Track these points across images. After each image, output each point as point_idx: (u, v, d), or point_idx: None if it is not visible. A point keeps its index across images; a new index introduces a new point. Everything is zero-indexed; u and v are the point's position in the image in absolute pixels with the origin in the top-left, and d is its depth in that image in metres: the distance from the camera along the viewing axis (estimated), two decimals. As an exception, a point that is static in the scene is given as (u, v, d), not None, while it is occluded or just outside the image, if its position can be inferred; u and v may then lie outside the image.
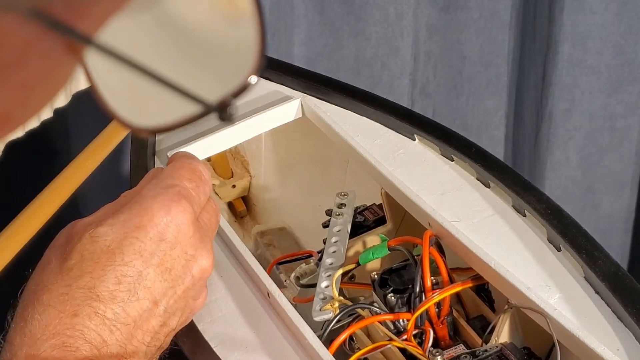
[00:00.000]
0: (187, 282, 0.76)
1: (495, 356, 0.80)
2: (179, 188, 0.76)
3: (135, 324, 0.72)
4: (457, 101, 1.75)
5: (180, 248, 0.75)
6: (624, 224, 1.85)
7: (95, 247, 0.72)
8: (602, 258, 0.83)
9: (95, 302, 0.70)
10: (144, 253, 0.73)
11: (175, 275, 0.75)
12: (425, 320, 0.85)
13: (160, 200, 0.75)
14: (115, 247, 0.72)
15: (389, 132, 1.04)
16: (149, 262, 0.73)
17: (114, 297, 0.71)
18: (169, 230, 0.74)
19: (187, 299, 0.76)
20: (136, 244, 0.73)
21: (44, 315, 0.69)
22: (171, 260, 0.74)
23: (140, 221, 0.74)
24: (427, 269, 0.85)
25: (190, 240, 0.75)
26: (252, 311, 0.86)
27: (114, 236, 0.73)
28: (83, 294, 0.70)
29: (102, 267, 0.71)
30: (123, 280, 0.71)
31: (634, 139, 1.75)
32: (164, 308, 0.74)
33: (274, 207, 1.28)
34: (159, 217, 0.74)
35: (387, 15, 1.62)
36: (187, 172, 0.78)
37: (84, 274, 0.71)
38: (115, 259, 0.72)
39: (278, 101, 1.09)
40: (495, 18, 1.66)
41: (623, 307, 0.78)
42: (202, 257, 0.77)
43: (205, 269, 0.77)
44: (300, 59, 1.65)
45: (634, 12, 1.61)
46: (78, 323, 0.69)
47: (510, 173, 0.95)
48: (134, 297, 0.72)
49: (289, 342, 0.83)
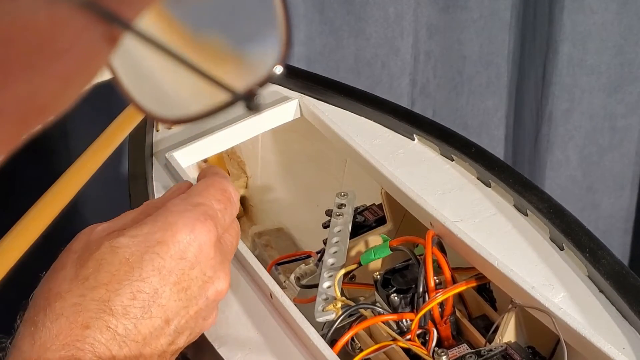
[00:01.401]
0: (201, 303, 0.75)
1: (500, 355, 0.80)
2: (207, 208, 0.75)
3: (145, 341, 0.71)
4: (457, 101, 1.75)
5: (200, 269, 0.74)
6: (624, 224, 1.85)
7: (114, 258, 0.71)
8: (605, 257, 0.83)
9: (108, 316, 0.69)
10: (162, 270, 0.72)
11: (190, 295, 0.74)
12: (428, 320, 0.85)
13: (186, 217, 0.74)
14: (134, 261, 0.71)
15: (388, 132, 1.04)
16: (166, 279, 0.72)
17: (127, 312, 0.70)
18: (190, 250, 0.73)
19: (198, 319, 0.76)
20: (156, 260, 0.71)
21: (55, 324, 0.68)
22: (188, 280, 0.73)
23: (163, 236, 0.72)
24: (430, 269, 0.84)
25: (210, 262, 0.75)
26: (254, 312, 0.86)
27: (135, 249, 0.71)
28: (97, 306, 0.69)
29: (119, 280, 0.70)
30: (138, 296, 0.70)
31: (634, 139, 1.75)
32: (174, 327, 0.73)
33: (271, 208, 1.28)
34: (182, 235, 0.73)
35: (387, 15, 1.62)
36: (218, 192, 0.77)
37: (99, 285, 0.70)
38: (134, 273, 0.71)
39: (276, 102, 1.09)
40: (495, 18, 1.66)
41: (628, 305, 0.78)
42: (219, 279, 0.76)
43: (221, 291, 0.76)
44: (300, 58, 1.65)
45: (634, 12, 1.61)
46: (89, 336, 0.68)
47: (511, 172, 0.95)
48: (147, 315, 0.71)
49: (293, 342, 0.82)
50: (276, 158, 1.28)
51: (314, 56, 1.65)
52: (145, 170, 1.02)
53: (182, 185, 0.82)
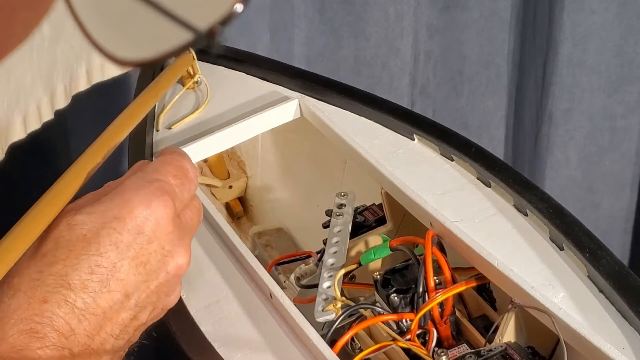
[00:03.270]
0: (162, 277, 0.75)
1: (500, 355, 0.80)
2: (163, 183, 0.75)
3: (105, 315, 0.71)
4: (457, 101, 1.76)
5: (158, 243, 0.74)
6: (624, 224, 1.85)
7: (71, 235, 0.71)
8: (605, 257, 0.83)
9: (66, 290, 0.69)
10: (120, 245, 0.72)
11: (149, 269, 0.74)
12: (428, 320, 0.85)
13: (142, 194, 0.74)
14: (91, 237, 0.71)
15: (387, 132, 1.04)
16: (124, 254, 0.72)
17: (85, 286, 0.70)
18: (147, 224, 0.73)
19: (160, 294, 0.76)
20: (113, 235, 0.72)
21: (13, 300, 0.68)
22: (147, 254, 0.73)
23: (120, 212, 0.73)
24: (430, 269, 0.84)
25: (169, 237, 0.75)
26: (254, 312, 0.86)
27: (91, 225, 0.72)
28: (54, 281, 0.69)
29: (76, 255, 0.70)
30: (96, 270, 0.71)
31: (634, 139, 1.75)
32: (135, 301, 0.73)
33: (271, 208, 1.28)
34: (139, 210, 0.73)
35: (387, 15, 1.62)
36: (174, 168, 0.78)
37: (57, 261, 0.70)
38: (91, 248, 0.71)
39: (276, 102, 1.09)
40: (495, 18, 1.67)
41: (628, 305, 0.78)
42: (179, 254, 0.76)
43: (181, 266, 0.76)
44: (301, 59, 1.65)
45: (634, 12, 1.61)
46: (47, 310, 0.68)
47: (511, 172, 0.95)
48: (106, 289, 0.71)
49: (293, 342, 0.82)
50: (276, 158, 1.28)
51: (314, 56, 1.66)
52: (145, 171, 1.02)
53: (140, 164, 0.81)
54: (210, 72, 1.15)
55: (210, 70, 1.16)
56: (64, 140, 1.49)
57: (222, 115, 1.09)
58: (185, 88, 1.14)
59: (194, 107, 1.12)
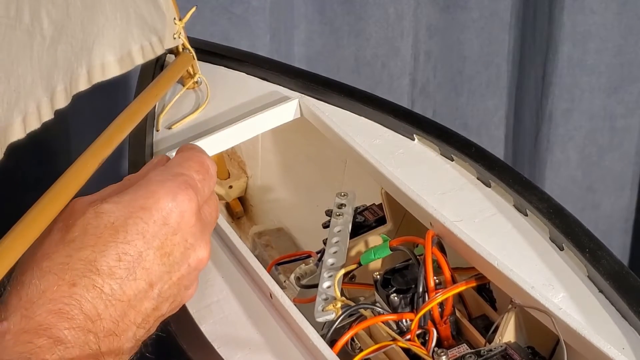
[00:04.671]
0: (183, 269, 0.77)
1: (500, 355, 0.80)
2: (187, 177, 0.78)
3: (130, 303, 0.73)
4: (457, 101, 1.76)
5: (181, 235, 0.76)
6: (624, 224, 1.85)
7: (99, 222, 0.73)
8: (605, 257, 0.83)
9: (94, 275, 0.71)
10: (146, 234, 0.74)
11: (173, 260, 0.76)
12: (428, 320, 0.85)
13: (167, 186, 0.76)
14: (119, 225, 0.73)
15: (387, 132, 1.04)
16: (150, 244, 0.74)
17: (112, 273, 0.72)
18: (172, 216, 0.75)
19: (180, 287, 0.78)
20: (140, 225, 0.74)
21: (43, 281, 0.70)
22: (171, 245, 0.75)
23: (146, 203, 0.75)
24: (430, 269, 0.84)
25: (192, 230, 0.77)
26: (254, 312, 0.86)
27: (118, 214, 0.73)
28: (83, 265, 0.71)
29: (104, 242, 0.72)
30: (123, 258, 0.72)
31: (634, 139, 1.76)
32: (158, 292, 0.75)
33: (271, 208, 1.28)
34: (165, 202, 0.75)
35: (387, 15, 1.62)
36: (196, 164, 0.80)
37: (85, 246, 0.72)
38: (118, 236, 0.73)
39: (276, 102, 1.09)
40: (495, 18, 1.67)
41: (628, 305, 0.78)
42: (200, 247, 0.78)
43: (202, 259, 0.79)
44: (301, 59, 1.65)
45: (634, 12, 1.61)
46: (76, 293, 0.70)
47: (511, 172, 0.95)
48: (132, 277, 0.73)
49: (293, 342, 0.82)
50: (276, 158, 1.28)
51: (314, 56, 1.66)
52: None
53: (160, 158, 0.84)
54: (211, 72, 1.15)
55: (210, 70, 1.16)
56: (64, 140, 1.49)
57: (222, 115, 1.10)
58: (186, 88, 1.14)
59: (194, 107, 1.12)
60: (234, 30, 1.56)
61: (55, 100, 0.88)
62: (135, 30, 1.02)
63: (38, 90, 0.85)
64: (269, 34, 1.57)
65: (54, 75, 0.88)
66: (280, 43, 1.60)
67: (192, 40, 1.13)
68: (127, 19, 1.00)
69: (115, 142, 0.91)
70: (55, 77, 0.88)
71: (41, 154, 1.44)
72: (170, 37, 1.09)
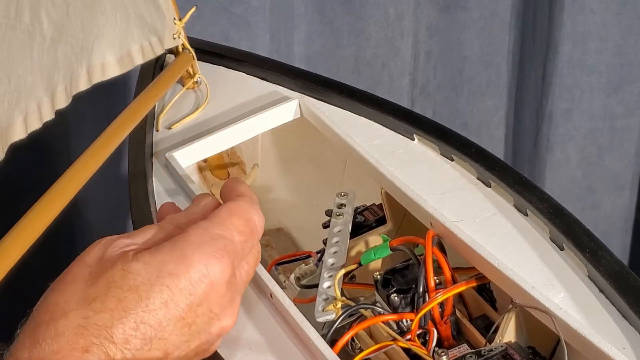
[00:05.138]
0: (204, 337, 0.74)
1: (500, 355, 0.79)
2: (226, 242, 0.74)
3: None
4: (457, 101, 1.76)
5: (207, 306, 0.73)
6: (624, 224, 1.85)
7: (124, 283, 0.70)
8: (605, 257, 0.83)
9: (108, 343, 0.68)
10: (169, 303, 0.71)
11: (194, 330, 0.73)
12: (428, 320, 0.85)
13: (202, 251, 0.73)
14: (143, 291, 0.70)
15: (387, 132, 1.04)
16: (172, 313, 0.71)
17: (127, 341, 0.69)
18: (200, 286, 0.72)
19: (199, 351, 0.75)
20: (164, 293, 0.71)
21: (55, 342, 0.68)
22: (194, 316, 0.73)
23: (176, 269, 0.71)
24: (430, 269, 0.84)
25: (220, 300, 0.74)
26: (255, 312, 0.86)
27: (145, 277, 0.71)
28: (98, 331, 0.68)
29: (125, 307, 0.69)
30: (141, 327, 0.70)
31: (634, 139, 1.76)
32: (172, 359, 0.73)
33: (270, 208, 1.28)
34: (196, 269, 0.72)
35: (387, 15, 1.62)
36: (241, 222, 0.77)
37: (105, 309, 0.69)
38: (141, 303, 0.70)
39: (276, 102, 1.09)
40: (495, 18, 1.67)
41: (628, 305, 0.78)
42: (226, 316, 0.75)
43: (226, 327, 0.76)
44: (301, 59, 1.65)
45: (634, 12, 1.61)
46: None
47: (511, 172, 0.95)
48: (147, 347, 0.70)
49: (293, 342, 0.82)
50: (276, 158, 1.28)
51: (314, 56, 1.66)
52: (145, 170, 1.02)
53: (207, 204, 0.80)
54: (210, 72, 1.15)
55: (210, 70, 1.16)
56: (65, 140, 1.49)
57: (221, 115, 1.10)
58: (185, 88, 1.14)
59: (194, 107, 1.12)
60: (234, 30, 1.56)
61: (56, 100, 0.88)
62: (135, 30, 1.02)
63: (39, 90, 0.85)
64: (269, 34, 1.57)
65: (55, 75, 0.88)
66: (280, 43, 1.60)
67: (191, 40, 1.13)
68: (126, 19, 1.00)
69: (115, 143, 0.91)
70: (55, 77, 0.88)
71: (42, 153, 1.44)
72: (170, 37, 1.09)
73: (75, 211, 1.53)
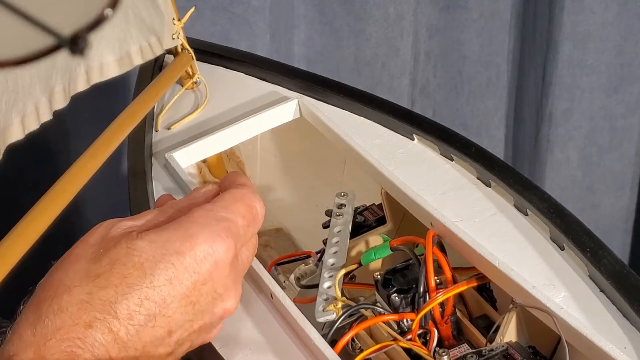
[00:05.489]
0: (207, 318, 0.75)
1: (501, 355, 0.79)
2: (230, 224, 0.75)
3: (144, 349, 0.71)
4: (457, 101, 1.76)
5: (211, 285, 0.73)
6: (624, 224, 1.85)
7: (128, 260, 0.70)
8: (606, 256, 0.83)
9: (112, 319, 0.68)
10: (174, 281, 0.71)
11: (197, 309, 0.73)
12: (429, 320, 0.85)
13: (207, 231, 0.73)
14: (147, 267, 0.70)
15: (387, 132, 1.03)
16: (176, 290, 0.71)
17: (131, 317, 0.69)
18: (205, 265, 0.73)
19: (201, 333, 0.75)
20: (169, 270, 0.71)
21: (59, 317, 0.68)
22: (198, 295, 0.73)
23: (182, 247, 0.72)
24: (431, 269, 0.84)
25: (224, 280, 0.74)
26: (255, 312, 0.86)
27: (150, 254, 0.71)
28: (102, 306, 0.69)
29: (129, 284, 0.70)
30: (145, 303, 0.70)
31: (634, 139, 1.76)
32: (176, 339, 0.73)
33: (270, 208, 1.27)
34: (201, 248, 0.72)
35: (387, 15, 1.62)
36: (244, 207, 0.77)
37: (109, 285, 0.69)
38: (145, 279, 0.70)
39: (275, 102, 1.09)
40: (495, 18, 1.67)
41: (629, 305, 0.78)
42: (229, 297, 0.76)
43: (229, 309, 0.76)
44: (301, 59, 1.65)
45: (634, 12, 1.61)
46: (90, 336, 0.68)
47: (511, 172, 0.95)
48: (151, 323, 0.70)
49: (294, 342, 0.82)
50: (276, 158, 1.28)
51: (314, 56, 1.66)
52: (145, 171, 1.02)
53: (209, 191, 0.81)
54: (210, 72, 1.15)
55: (209, 70, 1.16)
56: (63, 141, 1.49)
57: (221, 116, 1.09)
58: (184, 88, 1.14)
59: (193, 108, 1.12)
60: (234, 30, 1.56)
61: (54, 101, 0.88)
62: (134, 30, 1.01)
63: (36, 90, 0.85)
64: (269, 34, 1.57)
65: (52, 75, 0.88)
66: (280, 43, 1.60)
67: (191, 41, 1.13)
68: (125, 20, 1.00)
69: (114, 143, 0.91)
70: (53, 78, 0.88)
71: (40, 154, 1.44)
72: (169, 37, 1.08)
73: (75, 211, 1.53)
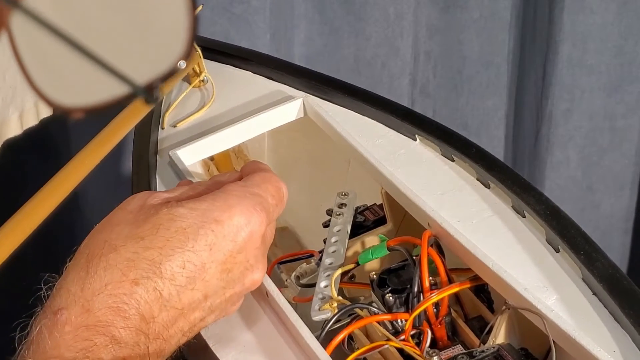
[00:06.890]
0: (237, 287, 0.79)
1: (492, 357, 0.80)
2: (263, 200, 0.80)
3: (183, 311, 0.74)
4: (457, 101, 1.76)
5: (245, 255, 0.78)
6: (624, 224, 1.85)
7: (171, 225, 0.74)
8: (600, 259, 0.83)
9: (156, 277, 0.72)
10: (213, 247, 0.75)
11: (231, 277, 0.77)
12: (423, 320, 0.85)
13: (244, 204, 0.78)
14: (190, 233, 0.74)
15: (390, 132, 1.04)
16: (214, 257, 0.75)
17: (174, 278, 0.73)
18: (241, 234, 0.77)
19: (229, 303, 0.79)
20: (209, 236, 0.75)
21: (107, 273, 0.71)
22: (233, 263, 0.77)
23: (221, 216, 0.76)
24: (425, 269, 0.85)
25: (255, 252, 0.79)
26: (250, 311, 0.86)
27: (192, 221, 0.75)
28: (148, 266, 0.72)
29: (172, 246, 0.73)
30: (187, 266, 0.74)
31: (634, 139, 1.75)
32: (210, 304, 0.77)
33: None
34: (238, 219, 0.77)
35: (387, 15, 1.62)
36: (273, 188, 0.82)
37: (153, 247, 0.73)
38: (187, 243, 0.74)
39: (280, 101, 1.10)
40: (495, 18, 1.67)
41: (620, 308, 0.78)
42: (258, 269, 0.80)
43: (256, 281, 0.81)
44: (301, 59, 1.65)
45: (634, 12, 1.61)
46: (136, 292, 0.71)
47: (510, 173, 0.95)
48: (191, 286, 0.74)
49: (287, 341, 0.83)
50: (280, 157, 1.28)
51: (314, 56, 1.66)
52: (149, 168, 1.02)
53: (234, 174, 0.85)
54: (217, 70, 1.16)
55: (216, 68, 1.16)
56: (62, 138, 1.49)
57: (227, 114, 1.10)
58: (192, 86, 1.14)
59: (200, 105, 1.12)
60: (234, 30, 1.56)
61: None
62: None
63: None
64: (269, 33, 1.57)
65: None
66: (280, 43, 1.60)
67: (198, 39, 1.13)
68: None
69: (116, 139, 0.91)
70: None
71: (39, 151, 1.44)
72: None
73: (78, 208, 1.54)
